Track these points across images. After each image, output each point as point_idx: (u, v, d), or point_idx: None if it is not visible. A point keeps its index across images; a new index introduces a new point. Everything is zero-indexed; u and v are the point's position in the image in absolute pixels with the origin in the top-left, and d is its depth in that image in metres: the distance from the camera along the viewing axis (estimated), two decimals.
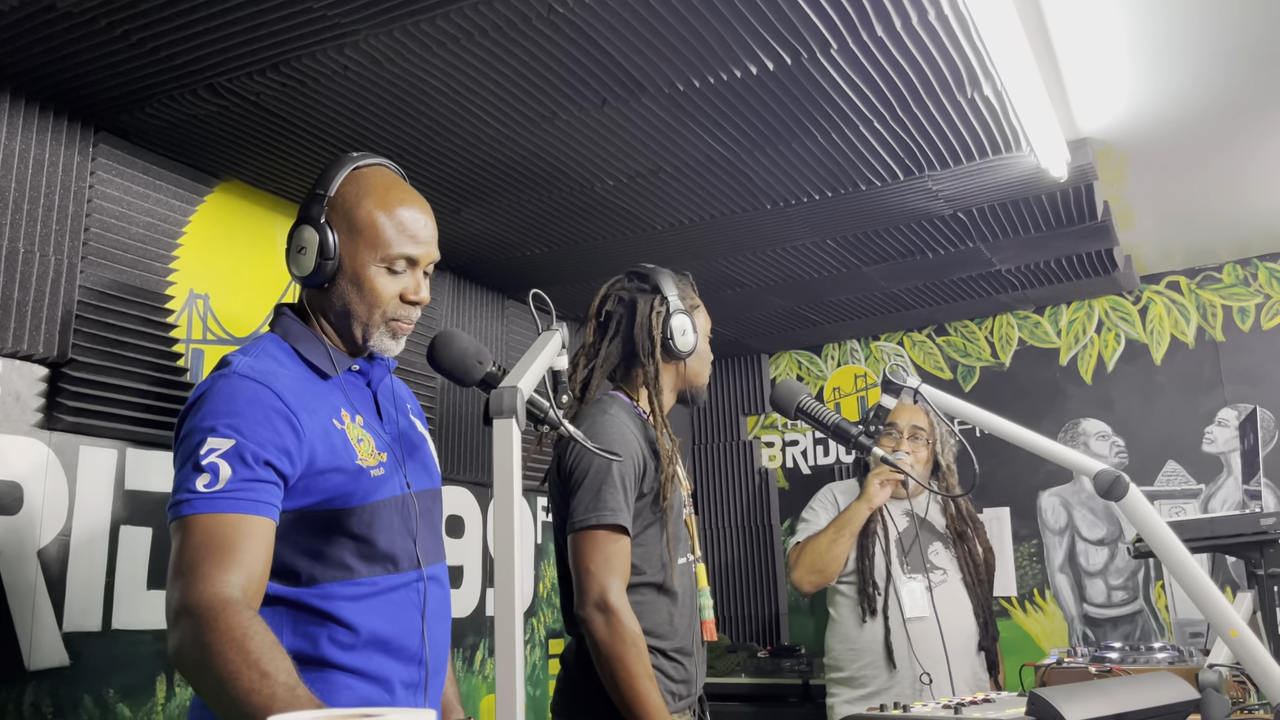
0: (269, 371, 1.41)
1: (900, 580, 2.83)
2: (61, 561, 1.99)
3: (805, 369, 4.40)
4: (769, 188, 2.57)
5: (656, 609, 2.03)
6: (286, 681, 1.17)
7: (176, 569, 1.27)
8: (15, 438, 1.94)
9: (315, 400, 1.44)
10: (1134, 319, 3.79)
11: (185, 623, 1.22)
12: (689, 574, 2.14)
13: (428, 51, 1.85)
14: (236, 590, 1.25)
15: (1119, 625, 3.64)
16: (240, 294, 2.44)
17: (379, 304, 1.50)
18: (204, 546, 1.27)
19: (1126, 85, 2.40)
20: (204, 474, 1.30)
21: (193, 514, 1.28)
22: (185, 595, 1.24)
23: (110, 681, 2.03)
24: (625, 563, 1.96)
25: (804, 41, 1.88)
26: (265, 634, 1.22)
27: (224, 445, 1.32)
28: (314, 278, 1.48)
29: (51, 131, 2.03)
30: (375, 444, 1.51)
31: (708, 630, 2.15)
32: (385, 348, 1.55)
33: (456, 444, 3.11)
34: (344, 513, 1.44)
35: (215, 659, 1.17)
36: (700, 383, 2.23)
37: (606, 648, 1.89)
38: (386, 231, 1.49)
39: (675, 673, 2.03)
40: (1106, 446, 3.76)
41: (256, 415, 1.35)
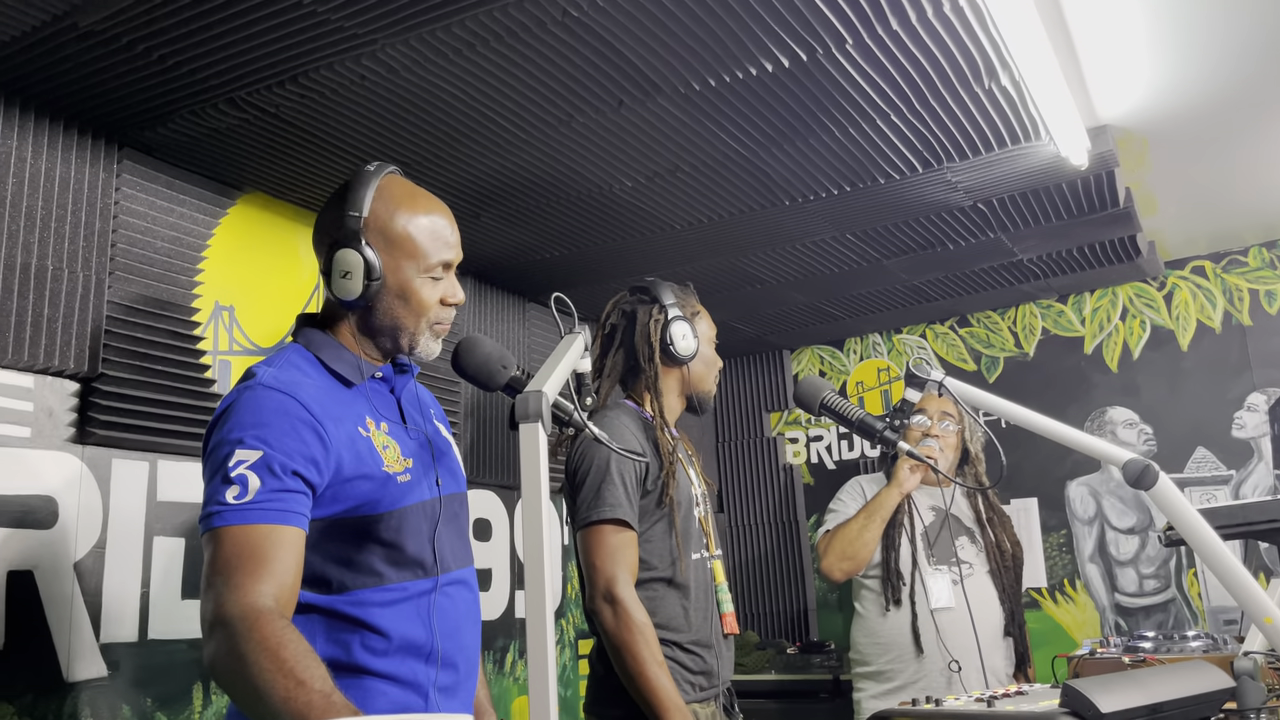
0: (294, 382, 1.42)
1: (926, 571, 2.82)
2: (97, 573, 2.01)
3: (827, 364, 4.39)
4: (787, 184, 2.57)
5: (668, 603, 2.07)
6: (322, 689, 1.19)
7: (209, 580, 1.29)
8: (49, 452, 1.97)
9: (340, 408, 1.46)
10: (1159, 305, 3.75)
11: (220, 633, 1.24)
12: (703, 569, 2.17)
13: (444, 59, 1.86)
14: (269, 600, 1.27)
15: (1152, 614, 3.61)
16: (264, 304, 2.47)
17: (425, 311, 1.54)
18: (236, 558, 1.28)
19: (1145, 71, 2.38)
20: (233, 486, 1.32)
21: (224, 526, 1.30)
22: (219, 606, 1.25)
23: (148, 691, 2.06)
24: (631, 556, 2.03)
25: (819, 38, 1.87)
26: (299, 642, 1.24)
27: (252, 457, 1.33)
28: (357, 302, 1.50)
29: (76, 149, 2.05)
30: (401, 450, 1.53)
31: (727, 623, 2.18)
32: (430, 351, 1.58)
33: (482, 447, 3.13)
34: (372, 519, 1.45)
35: (251, 668, 1.19)
36: (705, 388, 2.28)
37: (615, 638, 1.96)
38: (424, 243, 1.53)
39: (693, 664, 2.07)
40: (1134, 434, 3.73)
41: (283, 426, 1.37)
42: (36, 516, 1.93)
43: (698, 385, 2.26)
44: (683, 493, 2.15)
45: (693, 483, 2.22)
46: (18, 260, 1.92)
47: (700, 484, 2.28)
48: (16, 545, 1.88)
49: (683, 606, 2.08)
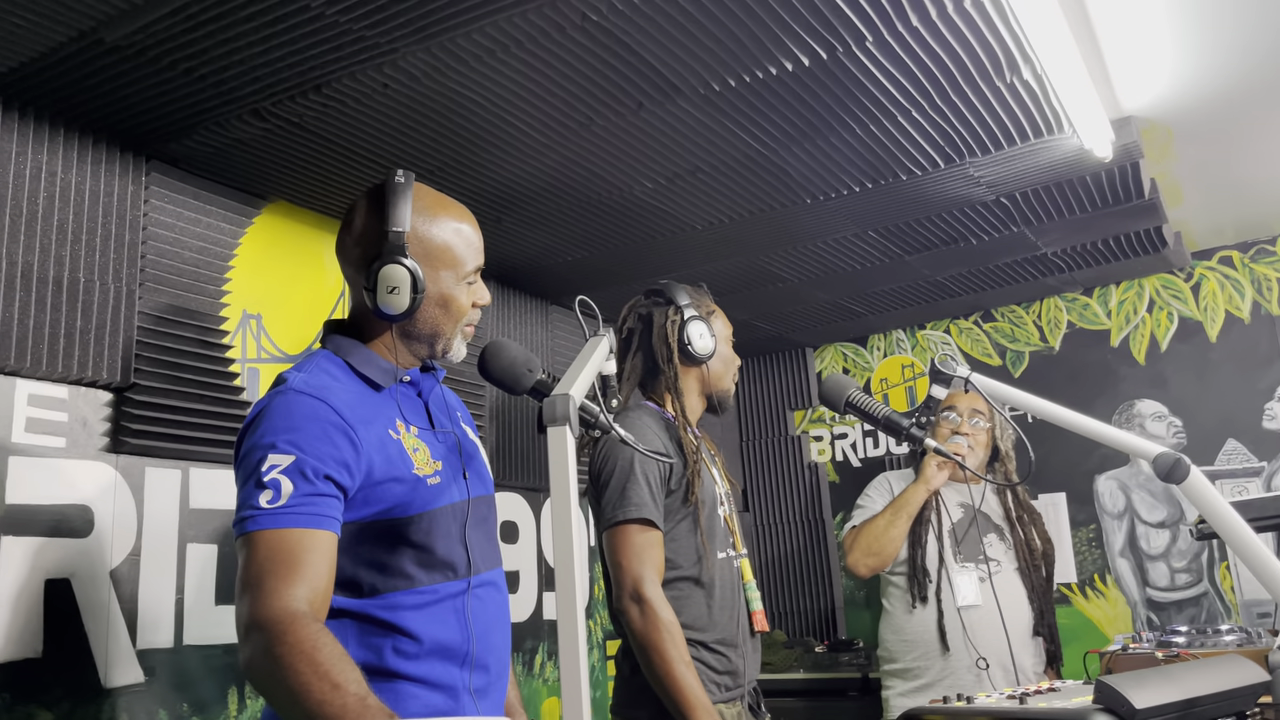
0: (324, 387, 1.44)
1: (953, 569, 2.81)
2: (133, 581, 2.04)
3: (851, 361, 4.38)
4: (808, 182, 2.56)
5: (693, 602, 2.08)
6: (357, 692, 1.20)
7: (244, 584, 1.30)
8: (84, 462, 2.00)
9: (370, 412, 1.48)
10: (1186, 296, 3.72)
11: (255, 637, 1.25)
12: (729, 568, 2.17)
13: (465, 66, 1.88)
14: (303, 604, 1.28)
15: (1184, 609, 3.57)
16: (291, 312, 2.49)
17: (463, 314, 1.58)
18: (269, 562, 1.30)
19: (1169, 61, 2.36)
20: (266, 490, 1.33)
21: (257, 530, 1.32)
22: (254, 610, 1.27)
23: (184, 696, 2.08)
24: (657, 555, 2.04)
25: (839, 36, 1.87)
26: (334, 645, 1.25)
27: (284, 461, 1.35)
28: (403, 315, 1.51)
29: (105, 163, 2.08)
30: (430, 453, 1.54)
31: (758, 620, 2.18)
32: (459, 353, 1.62)
33: (508, 450, 3.14)
34: (403, 522, 1.47)
35: (286, 671, 1.21)
36: (724, 386, 2.30)
37: (642, 637, 1.97)
38: (460, 251, 1.57)
39: (718, 664, 2.07)
40: (1163, 427, 3.69)
41: (314, 430, 1.38)
42: (73, 525, 1.96)
43: (717, 384, 2.28)
44: (707, 491, 2.16)
45: (716, 481, 2.23)
46: (50, 273, 1.95)
47: (724, 483, 2.29)
48: (54, 554, 1.91)
49: (708, 605, 2.09)
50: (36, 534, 1.89)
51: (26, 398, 1.92)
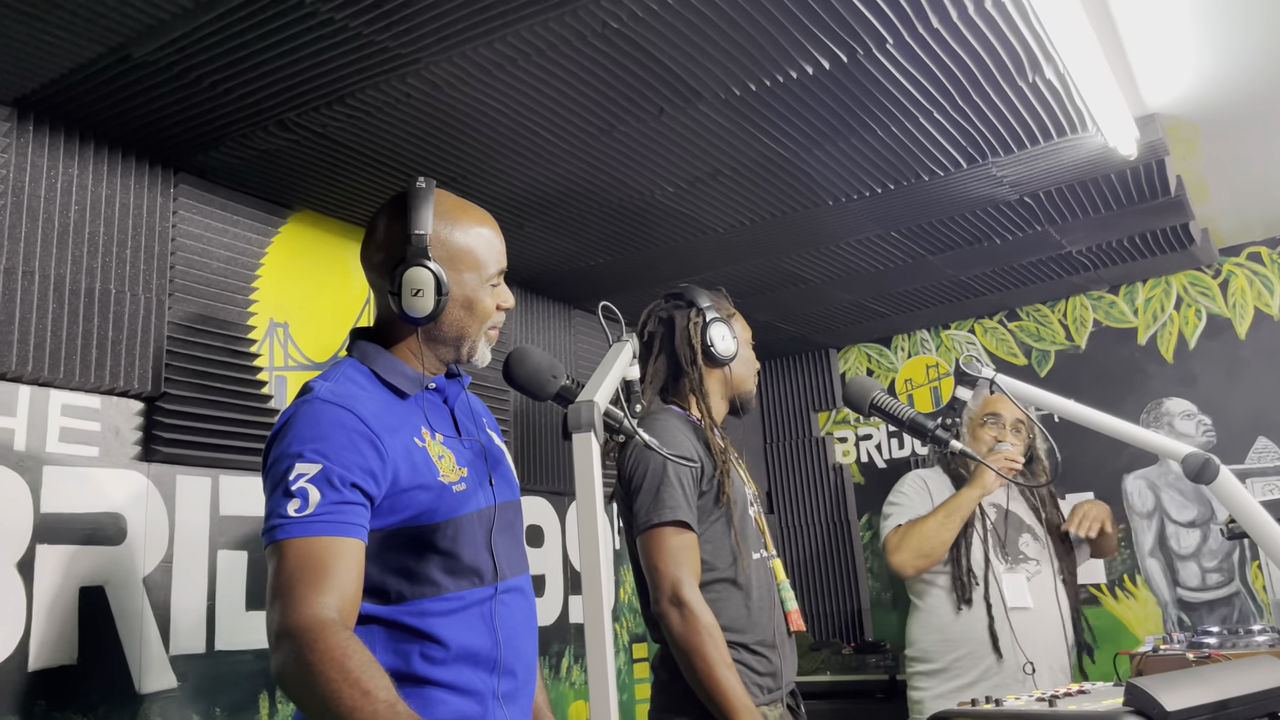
0: (350, 395, 1.46)
1: (1000, 570, 2.79)
2: (165, 587, 2.07)
3: (875, 361, 4.36)
4: (829, 184, 2.56)
5: (732, 604, 2.08)
6: (387, 699, 1.22)
7: (274, 593, 1.32)
8: (117, 470, 2.03)
9: (396, 420, 1.49)
10: (1214, 293, 3.68)
11: (286, 644, 1.27)
12: (764, 569, 2.17)
13: (486, 74, 1.89)
14: (333, 611, 1.30)
15: (1215, 609, 3.54)
16: (317, 320, 2.52)
17: (488, 316, 1.60)
18: (298, 570, 1.32)
19: (1193, 57, 2.34)
20: (294, 499, 1.35)
21: (286, 538, 1.33)
22: (284, 618, 1.28)
23: (216, 701, 2.11)
24: (694, 557, 2.03)
25: (859, 39, 1.87)
26: (363, 652, 1.27)
27: (311, 470, 1.36)
28: (428, 318, 1.53)
29: (135, 176, 2.12)
30: (456, 459, 1.55)
31: (793, 620, 2.18)
32: (484, 357, 1.63)
33: (533, 455, 3.16)
34: (429, 529, 1.48)
35: (317, 679, 1.22)
36: (747, 388, 2.31)
37: (683, 641, 1.95)
38: (483, 254, 1.59)
39: (760, 666, 2.06)
40: (1193, 425, 3.66)
41: (341, 439, 1.40)
42: (106, 533, 1.99)
43: (739, 386, 2.30)
44: (737, 492, 2.16)
45: (745, 483, 2.23)
46: (82, 285, 1.99)
47: (750, 485, 2.29)
48: (88, 561, 1.95)
49: (746, 606, 2.08)
50: (71, 542, 1.93)
51: (60, 408, 1.96)
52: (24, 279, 1.90)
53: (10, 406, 1.88)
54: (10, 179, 1.91)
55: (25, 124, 1.94)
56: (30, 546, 1.86)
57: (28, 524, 1.87)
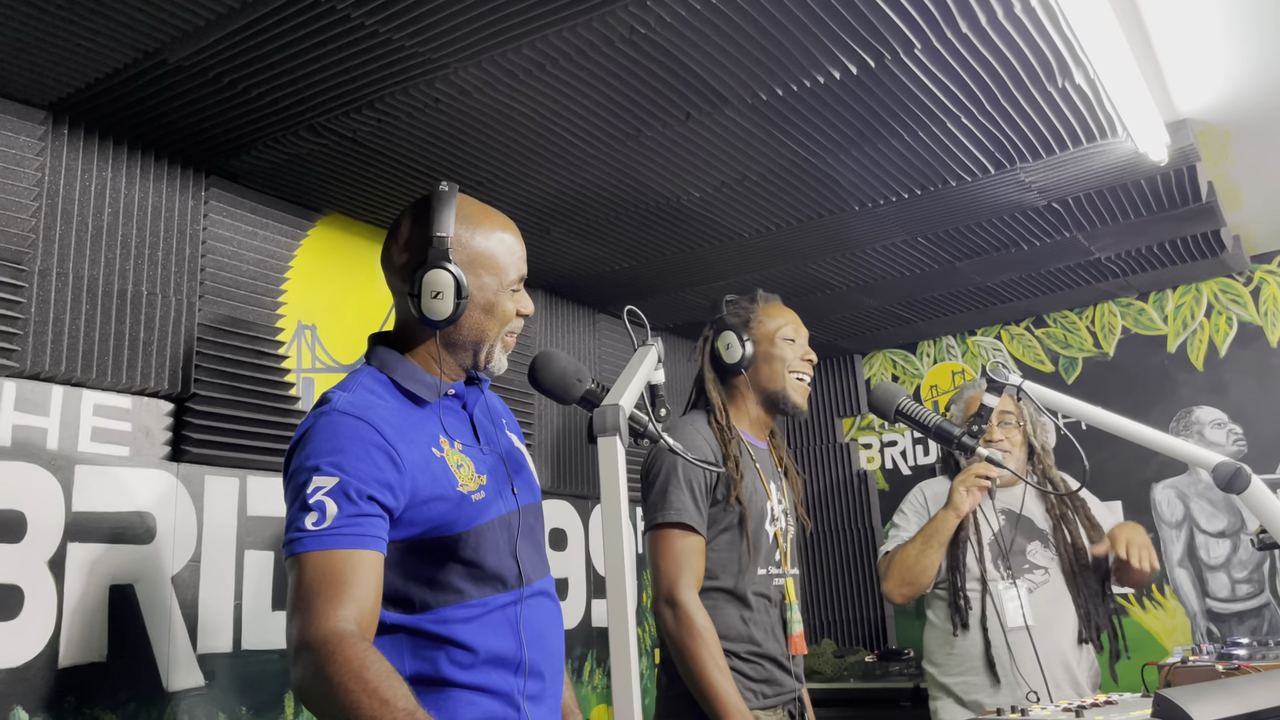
0: (367, 406, 1.46)
1: (998, 588, 2.69)
2: (193, 586, 2.09)
3: (900, 368, 4.34)
4: (856, 189, 2.56)
5: (727, 614, 2.09)
6: (406, 707, 1.23)
7: (294, 606, 1.33)
8: (146, 470, 2.06)
9: (414, 430, 1.49)
10: (1246, 301, 3.64)
11: (305, 657, 1.28)
12: (769, 585, 2.16)
13: (514, 79, 1.90)
14: (350, 624, 1.31)
15: (1245, 620, 3.49)
16: (345, 322, 2.54)
17: (507, 320, 1.60)
18: (316, 583, 1.33)
19: (1225, 62, 2.32)
20: (312, 512, 1.36)
21: (304, 552, 1.35)
22: (303, 631, 1.29)
23: (243, 699, 2.13)
24: (695, 560, 2.05)
25: (887, 44, 1.87)
26: (381, 663, 1.28)
27: (329, 483, 1.37)
28: (447, 321, 1.53)
29: (167, 179, 2.14)
30: (475, 468, 1.55)
31: (794, 644, 2.16)
32: (500, 364, 1.63)
33: (556, 459, 3.17)
34: (450, 539, 1.48)
35: (336, 690, 1.23)
36: (774, 386, 2.27)
37: (676, 641, 1.98)
38: (504, 258, 1.59)
39: (754, 672, 2.08)
40: (1223, 434, 3.62)
41: (358, 451, 1.40)
42: (136, 532, 2.01)
43: (767, 386, 2.27)
44: (755, 505, 2.15)
45: (769, 497, 2.22)
46: (114, 286, 2.01)
47: (783, 500, 2.27)
48: (117, 560, 1.97)
49: (742, 619, 2.09)
50: (101, 541, 1.95)
51: (92, 408, 1.98)
52: (58, 280, 1.93)
53: (43, 406, 1.91)
54: (45, 181, 1.93)
55: (60, 127, 1.97)
56: (62, 545, 1.89)
57: (59, 522, 1.89)
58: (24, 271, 1.88)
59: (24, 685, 1.79)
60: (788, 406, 2.28)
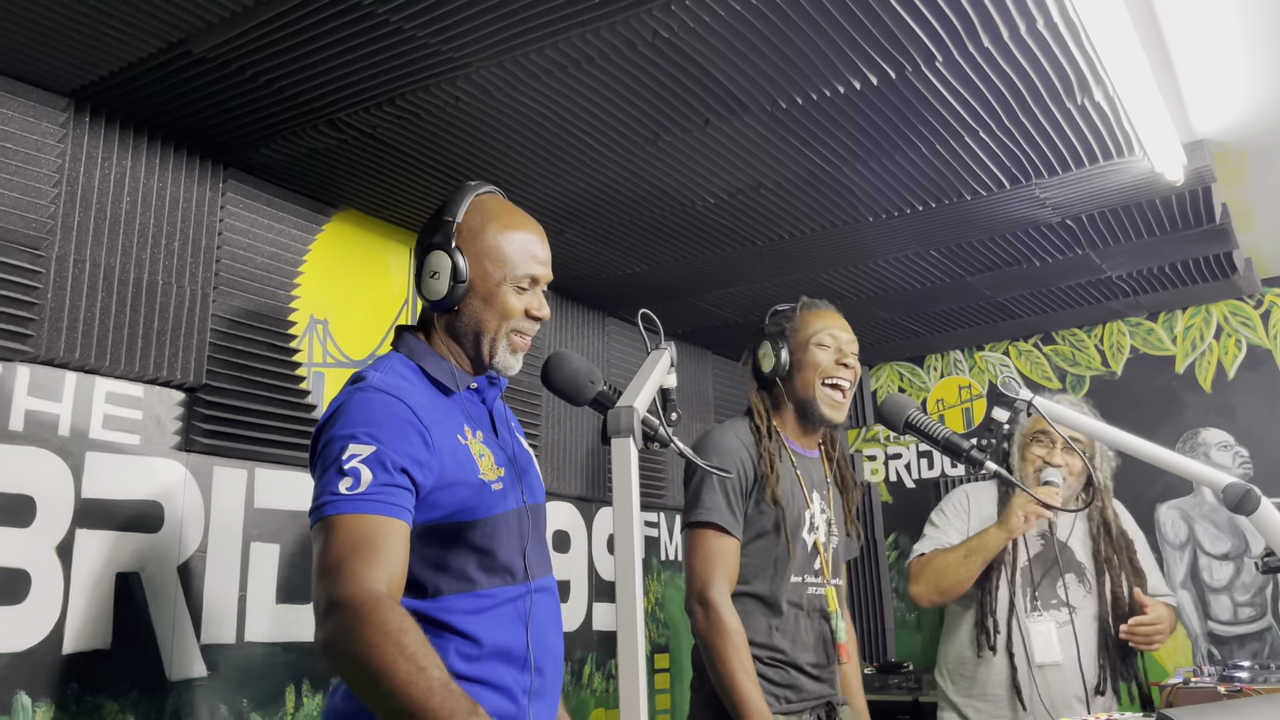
0: (400, 387, 1.49)
1: (1025, 618, 2.61)
2: (199, 576, 2.09)
3: (907, 381, 4.34)
4: (871, 200, 2.56)
5: (755, 620, 2.10)
6: (441, 677, 1.24)
7: (324, 566, 1.33)
8: (157, 459, 2.06)
9: (441, 416, 1.52)
10: (1256, 324, 3.63)
11: (337, 615, 1.28)
12: (803, 593, 2.16)
13: (536, 80, 1.91)
14: (384, 586, 1.32)
15: (1246, 643, 3.48)
16: (356, 318, 2.54)
17: (508, 316, 1.60)
18: (350, 544, 1.33)
19: (1244, 85, 2.32)
20: (346, 477, 1.37)
21: (337, 514, 1.35)
22: (336, 590, 1.30)
23: (244, 691, 2.13)
24: (728, 562, 2.07)
25: (908, 55, 1.87)
26: (417, 630, 1.28)
27: (365, 451, 1.39)
28: (446, 300, 1.56)
29: (185, 170, 2.15)
30: (494, 459, 1.58)
31: (842, 653, 2.19)
32: (507, 364, 1.62)
33: (562, 461, 3.17)
34: (467, 525, 1.50)
35: (370, 650, 1.23)
36: (805, 395, 2.25)
37: (706, 640, 2.00)
38: (511, 253, 1.60)
39: (778, 677, 2.09)
40: (1229, 457, 3.61)
41: (393, 427, 1.43)
42: (144, 520, 2.02)
43: (799, 394, 2.26)
44: (793, 513, 2.16)
45: (809, 505, 2.21)
46: (130, 275, 2.02)
47: (828, 512, 2.26)
48: (126, 548, 1.97)
49: (769, 625, 2.09)
50: (110, 528, 1.95)
51: (105, 395, 1.99)
52: (75, 267, 1.94)
53: (56, 392, 1.91)
54: (65, 169, 1.94)
55: (82, 116, 1.98)
56: (70, 531, 1.89)
57: (69, 508, 1.90)
58: (42, 258, 1.88)
59: (28, 670, 1.79)
60: (815, 417, 2.24)
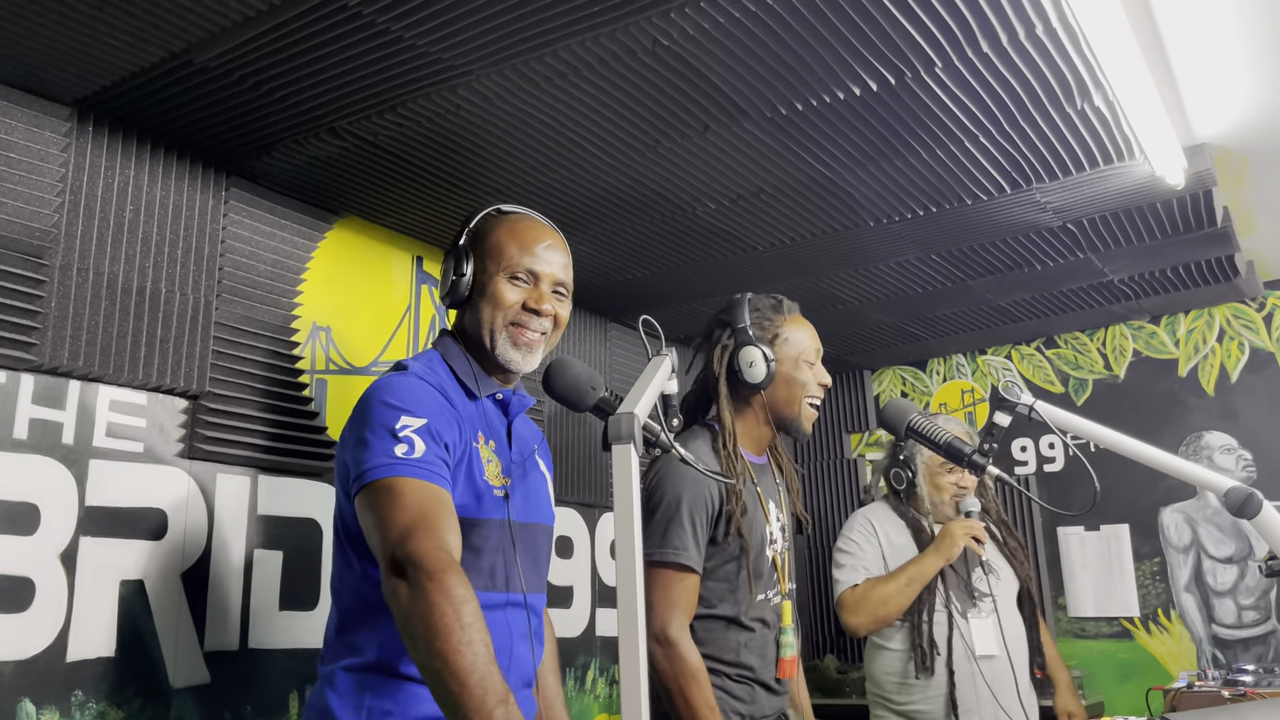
0: (439, 380, 1.57)
1: (964, 619, 2.67)
2: (202, 584, 2.10)
3: (909, 385, 4.34)
4: (871, 205, 2.56)
5: (723, 639, 2.05)
6: (486, 655, 1.26)
7: (398, 524, 1.35)
8: (160, 467, 2.06)
9: (466, 414, 1.59)
10: (1258, 326, 3.63)
11: (413, 572, 1.30)
12: (767, 609, 2.12)
13: (536, 88, 1.91)
14: (454, 552, 1.35)
15: (1250, 647, 3.48)
16: (358, 325, 2.55)
17: (502, 306, 1.64)
18: (419, 506, 1.36)
19: (1244, 88, 2.32)
20: (401, 443, 1.41)
21: (400, 476, 1.39)
22: (414, 547, 1.31)
23: (247, 699, 2.13)
24: (688, 599, 2.00)
25: (908, 61, 1.87)
26: (477, 606, 1.30)
27: (417, 423, 1.45)
28: (452, 299, 1.65)
29: (188, 178, 2.16)
30: (501, 468, 1.61)
31: (783, 668, 2.11)
32: (510, 358, 1.65)
33: (564, 467, 3.17)
34: (464, 523, 1.50)
35: (434, 612, 1.26)
36: (789, 412, 2.16)
37: (667, 680, 1.94)
38: (510, 248, 1.66)
39: (742, 693, 2.05)
40: (1232, 460, 3.61)
41: (435, 408, 1.50)
42: (147, 528, 2.02)
43: (781, 410, 2.15)
44: (755, 533, 2.08)
45: (768, 520, 2.14)
46: (134, 284, 2.03)
47: (781, 518, 2.21)
48: (129, 555, 1.98)
49: (738, 643, 2.05)
50: (113, 535, 1.96)
51: (109, 403, 1.99)
52: (78, 276, 1.94)
53: (60, 400, 1.92)
54: (69, 178, 1.95)
55: (85, 125, 1.99)
56: (74, 538, 1.89)
57: (73, 516, 1.90)
58: (45, 266, 1.89)
59: (33, 678, 1.79)
60: (795, 432, 2.18)
